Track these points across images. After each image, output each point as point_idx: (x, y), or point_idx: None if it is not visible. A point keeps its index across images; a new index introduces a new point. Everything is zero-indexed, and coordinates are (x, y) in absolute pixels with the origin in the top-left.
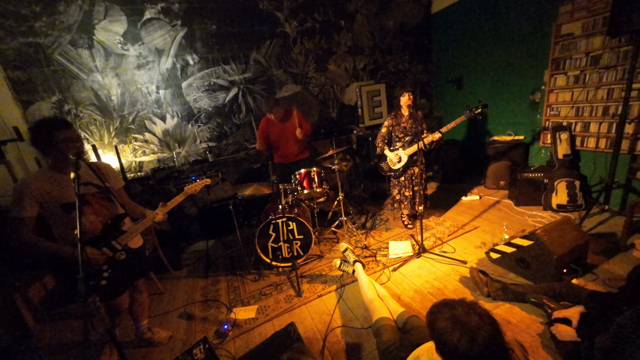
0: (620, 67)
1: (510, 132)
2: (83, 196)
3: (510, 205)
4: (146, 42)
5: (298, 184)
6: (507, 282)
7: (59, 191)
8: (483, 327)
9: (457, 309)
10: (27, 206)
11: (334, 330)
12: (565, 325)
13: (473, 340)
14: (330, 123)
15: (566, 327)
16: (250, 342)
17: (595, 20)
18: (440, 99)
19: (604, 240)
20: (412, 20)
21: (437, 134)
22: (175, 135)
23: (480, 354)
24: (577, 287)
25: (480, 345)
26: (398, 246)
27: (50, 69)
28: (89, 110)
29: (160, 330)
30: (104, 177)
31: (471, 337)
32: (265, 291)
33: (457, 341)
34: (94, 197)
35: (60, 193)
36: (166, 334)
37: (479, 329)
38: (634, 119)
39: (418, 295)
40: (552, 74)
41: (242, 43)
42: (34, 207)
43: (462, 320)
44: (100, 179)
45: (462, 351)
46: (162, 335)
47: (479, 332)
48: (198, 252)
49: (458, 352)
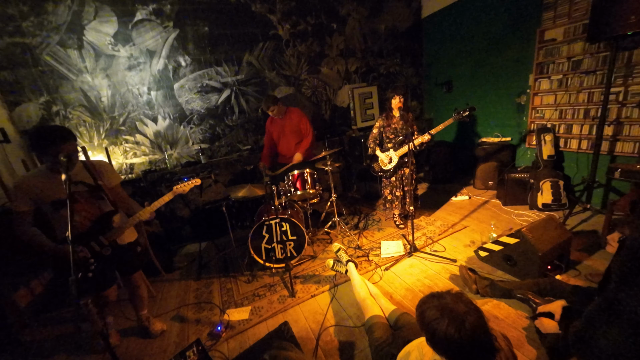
0: (600, 71)
1: (498, 134)
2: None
3: (498, 204)
4: (137, 43)
5: (291, 185)
6: (495, 279)
7: (51, 189)
8: (470, 313)
9: (444, 298)
10: (20, 202)
11: (328, 330)
12: (548, 319)
13: (461, 327)
14: (323, 125)
15: (549, 321)
16: (244, 343)
17: (576, 26)
18: (431, 101)
19: (586, 238)
20: (403, 25)
21: (427, 135)
22: (167, 136)
23: (468, 339)
24: (560, 282)
25: (468, 331)
26: (390, 246)
27: (38, 69)
28: (78, 111)
29: (157, 322)
30: (98, 175)
31: (459, 324)
32: (259, 292)
33: (446, 328)
34: (82, 195)
35: (52, 191)
36: (160, 327)
37: (466, 315)
38: (612, 121)
39: (409, 293)
40: (536, 78)
41: (235, 45)
42: (27, 203)
43: (449, 308)
44: (94, 177)
45: (451, 337)
46: (157, 327)
47: (466, 318)
48: (190, 255)
49: (447, 339)
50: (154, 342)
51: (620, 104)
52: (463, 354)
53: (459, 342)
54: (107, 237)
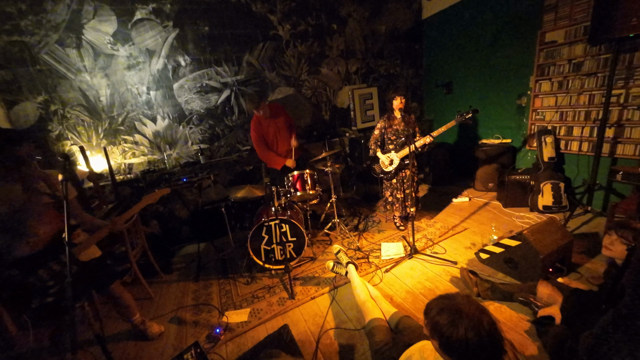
0: (601, 74)
1: (498, 136)
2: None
3: (498, 206)
4: (137, 43)
5: (291, 186)
6: (496, 281)
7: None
8: (483, 315)
9: (455, 300)
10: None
11: (327, 332)
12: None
13: (480, 329)
14: (323, 126)
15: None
16: (243, 346)
17: (577, 28)
18: (431, 102)
19: (587, 240)
20: (403, 26)
21: (428, 137)
22: (166, 136)
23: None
24: (562, 285)
25: (486, 332)
26: (390, 247)
27: (36, 68)
28: (76, 110)
29: (154, 325)
30: (54, 187)
31: (477, 326)
32: (258, 294)
33: (465, 332)
34: (47, 207)
35: None
36: (158, 330)
37: (481, 316)
38: (613, 123)
39: (410, 296)
40: (537, 80)
41: (235, 45)
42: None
43: (463, 311)
44: (51, 188)
45: (470, 340)
46: (154, 329)
47: (482, 319)
48: (189, 256)
49: (467, 342)
50: (151, 344)
51: (621, 106)
52: (480, 356)
53: (478, 344)
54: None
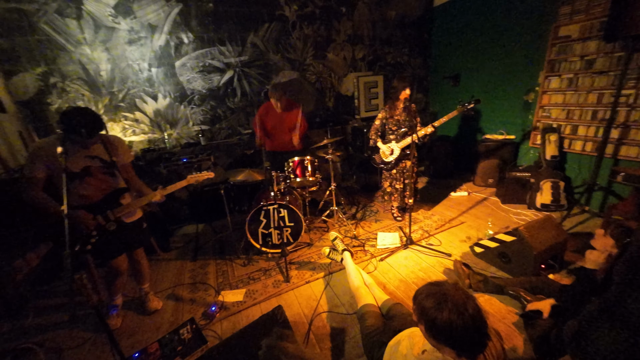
0: (612, 72)
1: (502, 131)
2: (88, 168)
3: (496, 202)
4: (138, 17)
5: (291, 172)
6: (488, 275)
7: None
8: (468, 300)
9: (443, 286)
10: (36, 168)
11: (320, 315)
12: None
13: (464, 312)
14: (326, 112)
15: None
16: (237, 324)
17: (593, 23)
18: (437, 94)
19: (581, 240)
20: (414, 13)
21: (430, 127)
22: (167, 116)
23: (471, 325)
24: (553, 282)
25: (470, 316)
26: (386, 237)
27: (35, 37)
28: (76, 84)
29: (155, 299)
30: (113, 150)
31: (461, 310)
32: (254, 276)
33: (449, 315)
34: (98, 170)
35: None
36: (155, 306)
37: (466, 301)
38: (620, 124)
39: (403, 284)
40: (547, 76)
41: (240, 24)
42: (42, 170)
43: (449, 296)
44: (109, 152)
45: (453, 323)
46: (153, 304)
47: (467, 304)
48: (187, 236)
49: (450, 325)
50: (149, 318)
51: (629, 107)
52: (464, 339)
53: (462, 327)
54: (114, 213)
